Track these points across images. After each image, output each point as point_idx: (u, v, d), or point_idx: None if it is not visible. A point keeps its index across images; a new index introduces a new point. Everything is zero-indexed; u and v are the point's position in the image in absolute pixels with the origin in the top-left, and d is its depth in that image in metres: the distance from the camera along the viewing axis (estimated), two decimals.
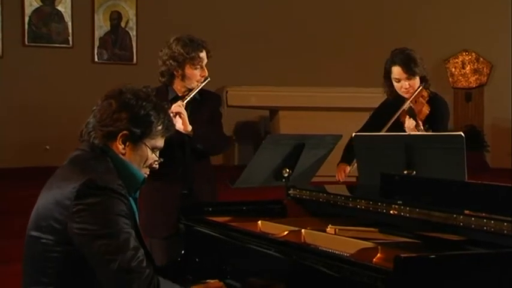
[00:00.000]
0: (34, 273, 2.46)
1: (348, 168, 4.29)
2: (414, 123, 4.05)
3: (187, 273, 3.03)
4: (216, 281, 2.82)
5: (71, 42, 10.81)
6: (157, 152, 2.64)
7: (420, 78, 4.19)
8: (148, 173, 2.66)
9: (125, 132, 2.54)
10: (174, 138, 3.84)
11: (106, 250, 2.33)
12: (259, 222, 3.13)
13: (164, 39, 4.07)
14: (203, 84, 3.97)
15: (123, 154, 2.55)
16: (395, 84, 4.21)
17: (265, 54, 10.24)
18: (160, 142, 2.63)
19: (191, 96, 3.93)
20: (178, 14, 10.80)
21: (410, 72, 4.14)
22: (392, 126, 4.09)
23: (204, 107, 4.03)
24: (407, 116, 4.09)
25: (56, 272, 2.41)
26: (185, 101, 3.89)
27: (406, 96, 4.18)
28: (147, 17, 10.93)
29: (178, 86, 4.00)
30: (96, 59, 10.95)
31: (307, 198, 3.37)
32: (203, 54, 3.98)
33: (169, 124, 2.65)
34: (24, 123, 10.14)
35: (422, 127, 4.03)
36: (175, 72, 3.96)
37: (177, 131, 3.84)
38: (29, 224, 2.51)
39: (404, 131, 4.04)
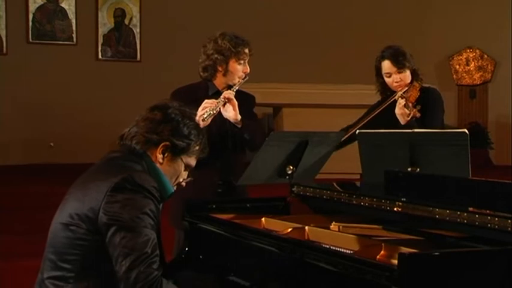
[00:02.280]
0: (57, 260, 2.50)
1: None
2: (403, 102, 4.05)
3: (191, 270, 3.03)
4: None
5: (74, 40, 10.82)
6: (188, 171, 2.71)
7: (411, 72, 4.21)
8: (175, 189, 2.71)
9: (167, 143, 2.60)
10: (216, 131, 3.86)
11: (126, 244, 2.38)
12: (263, 219, 3.13)
13: (168, 36, 4.09)
14: (244, 80, 3.97)
15: (160, 163, 2.62)
16: (386, 80, 4.23)
17: (269, 51, 10.23)
18: (193, 162, 2.71)
19: (240, 84, 3.92)
20: (182, 11, 10.80)
21: (399, 65, 4.17)
22: (384, 123, 4.08)
23: (241, 106, 4.01)
24: (399, 99, 4.10)
25: (79, 260, 2.46)
26: (234, 90, 3.89)
27: (398, 90, 4.19)
28: (151, 14, 10.93)
29: (219, 82, 3.98)
30: (100, 56, 10.96)
31: (311, 195, 3.37)
32: (247, 51, 3.99)
33: (205, 147, 2.73)
34: (29, 120, 10.15)
35: (411, 106, 4.03)
36: (219, 67, 3.95)
37: (224, 121, 3.86)
38: (57, 215, 2.57)
39: (397, 126, 4.03)
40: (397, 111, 4.09)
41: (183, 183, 2.73)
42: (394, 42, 4.39)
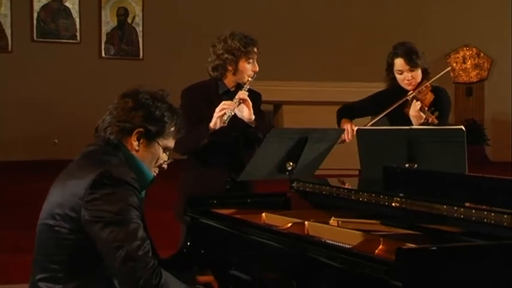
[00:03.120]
0: (45, 261, 2.48)
1: (353, 125, 4.22)
2: (419, 105, 4.05)
3: (193, 264, 3.04)
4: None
5: (78, 38, 10.81)
6: (167, 153, 2.66)
7: (422, 71, 4.20)
8: (157, 172, 2.67)
9: (140, 129, 2.57)
10: (229, 129, 3.85)
11: (115, 237, 2.36)
12: (264, 214, 3.14)
13: (170, 35, 4.09)
14: (253, 78, 3.97)
15: (137, 151, 2.58)
16: (398, 76, 4.21)
17: (270, 49, 10.19)
18: (171, 143, 2.66)
19: (250, 83, 3.92)
20: (184, 10, 10.80)
21: (412, 64, 4.16)
22: (397, 119, 4.08)
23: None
24: (415, 101, 4.09)
25: (67, 260, 2.44)
26: (246, 89, 3.89)
27: (408, 88, 4.18)
28: (153, 13, 10.93)
29: (229, 81, 3.98)
30: (103, 54, 10.95)
31: (311, 191, 3.37)
32: (256, 50, 3.99)
33: (181, 127, 2.67)
34: (33, 117, 10.15)
35: (427, 111, 4.03)
36: (229, 67, 3.95)
37: (238, 121, 3.86)
38: (41, 213, 2.54)
39: (409, 123, 4.03)
40: (412, 113, 4.07)
41: (164, 166, 2.68)
42: (393, 41, 4.38)
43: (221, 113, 3.76)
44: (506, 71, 11.24)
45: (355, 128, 4.15)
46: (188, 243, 3.19)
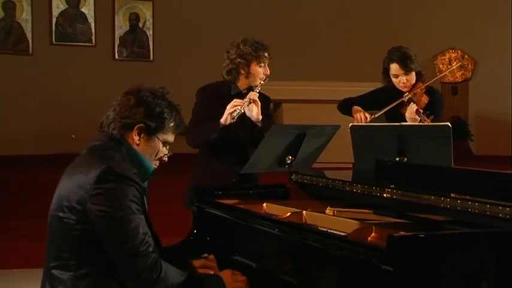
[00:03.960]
0: (56, 250, 2.47)
1: (365, 113, 4.18)
2: (415, 108, 4.04)
3: (199, 250, 3.03)
4: (212, 257, 2.82)
5: (93, 41, 10.80)
6: (167, 147, 2.64)
7: (416, 74, 4.20)
8: (158, 165, 2.66)
9: (140, 124, 2.55)
10: (237, 127, 3.85)
11: (119, 233, 2.35)
12: (264, 204, 3.13)
13: (178, 38, 4.09)
14: (264, 82, 3.97)
15: (138, 145, 2.56)
16: (393, 79, 4.21)
17: (271, 50, 10.21)
18: (171, 137, 2.64)
19: (261, 86, 3.93)
20: (190, 15, 10.79)
21: (407, 69, 4.15)
22: (394, 119, 4.07)
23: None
24: (411, 104, 4.09)
25: (76, 249, 2.42)
26: (257, 91, 3.89)
27: (404, 90, 4.18)
28: (162, 18, 10.92)
29: (241, 83, 3.98)
30: (116, 56, 10.94)
31: (308, 182, 3.36)
32: (267, 54, 3.99)
33: (180, 122, 2.64)
34: (52, 114, 10.15)
35: (422, 113, 4.02)
36: (242, 70, 3.94)
37: (247, 120, 3.86)
38: (51, 205, 2.52)
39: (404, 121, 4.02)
40: (408, 115, 4.07)
41: (165, 158, 2.66)
42: (386, 43, 4.39)
43: (232, 110, 3.77)
44: (488, 71, 11.26)
45: (368, 116, 4.14)
46: (195, 231, 3.18)
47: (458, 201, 2.51)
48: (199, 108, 3.97)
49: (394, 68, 4.18)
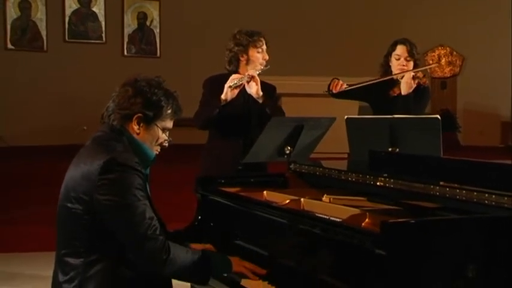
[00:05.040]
0: (67, 238, 2.46)
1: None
2: (412, 73, 4.09)
3: (204, 235, 3.03)
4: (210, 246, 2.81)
5: (104, 39, 10.80)
6: (167, 133, 2.62)
7: (414, 64, 4.25)
8: (159, 150, 2.63)
9: (139, 114, 2.52)
10: (241, 109, 3.83)
11: (126, 219, 2.34)
12: (265, 192, 3.12)
13: (183, 36, 4.09)
14: (265, 68, 3.94)
15: (138, 134, 2.53)
16: (394, 61, 4.24)
17: (271, 47, 10.17)
18: (169, 124, 2.61)
19: (263, 69, 3.91)
20: (196, 14, 10.78)
21: (411, 54, 4.23)
22: (381, 102, 4.09)
23: (263, 94, 3.99)
24: (408, 72, 4.11)
25: (85, 237, 2.40)
26: (258, 71, 3.87)
27: (399, 71, 4.22)
28: (168, 17, 10.92)
29: (243, 71, 3.95)
30: (125, 53, 10.95)
31: (306, 172, 3.36)
32: (263, 39, 3.97)
33: (177, 109, 2.61)
34: (65, 107, 10.16)
35: (420, 77, 4.07)
36: (241, 58, 3.92)
37: (249, 98, 3.84)
38: (60, 195, 2.50)
39: (392, 106, 4.02)
40: (405, 79, 4.12)
41: (165, 144, 2.62)
42: (380, 40, 4.39)
43: (230, 83, 3.75)
44: (475, 67, 11.26)
45: (344, 85, 4.24)
46: (199, 217, 3.18)
47: (447, 189, 2.50)
48: (206, 96, 3.95)
49: (400, 48, 4.24)
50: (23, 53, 10.21)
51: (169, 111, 2.57)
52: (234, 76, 3.81)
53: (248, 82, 3.80)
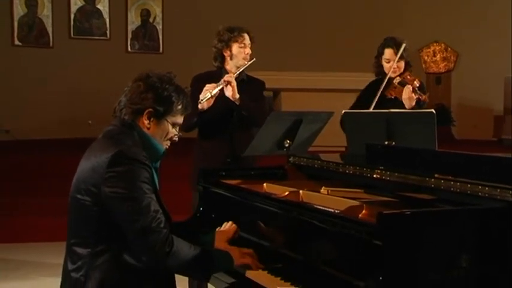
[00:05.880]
0: (76, 229, 2.46)
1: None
2: (411, 87, 4.03)
3: (205, 227, 3.03)
4: (231, 223, 2.80)
5: (108, 35, 10.79)
6: (177, 128, 2.61)
7: (405, 63, 4.20)
8: (169, 145, 2.62)
9: (150, 109, 2.50)
10: (223, 108, 3.84)
11: (131, 211, 2.33)
12: (265, 184, 3.12)
13: (186, 32, 4.10)
14: (250, 62, 3.94)
15: (148, 128, 2.52)
16: (385, 64, 4.21)
17: (271, 43, 10.16)
18: (180, 119, 2.59)
19: (241, 70, 3.92)
20: (198, 11, 10.76)
21: (399, 55, 4.14)
22: (380, 102, 4.05)
23: (250, 89, 3.99)
24: (406, 85, 4.06)
25: (93, 228, 2.40)
26: (235, 74, 3.88)
27: (393, 76, 4.16)
28: (171, 14, 10.91)
29: (229, 67, 3.96)
30: (129, 49, 10.94)
31: (305, 164, 3.35)
32: (245, 35, 3.97)
33: (187, 104, 2.60)
34: (71, 102, 10.17)
35: (419, 92, 4.01)
36: (224, 53, 3.94)
37: (228, 100, 3.84)
38: (71, 187, 2.50)
39: (390, 105, 3.99)
40: (405, 96, 4.03)
41: (175, 138, 2.61)
42: (376, 36, 4.37)
43: (202, 96, 3.77)
44: (469, 62, 11.26)
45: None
46: (201, 209, 3.18)
47: (442, 181, 2.50)
48: (193, 94, 3.95)
49: (388, 52, 4.18)
50: (30, 49, 10.20)
51: (179, 107, 2.56)
52: (207, 87, 3.78)
53: (226, 85, 3.79)
